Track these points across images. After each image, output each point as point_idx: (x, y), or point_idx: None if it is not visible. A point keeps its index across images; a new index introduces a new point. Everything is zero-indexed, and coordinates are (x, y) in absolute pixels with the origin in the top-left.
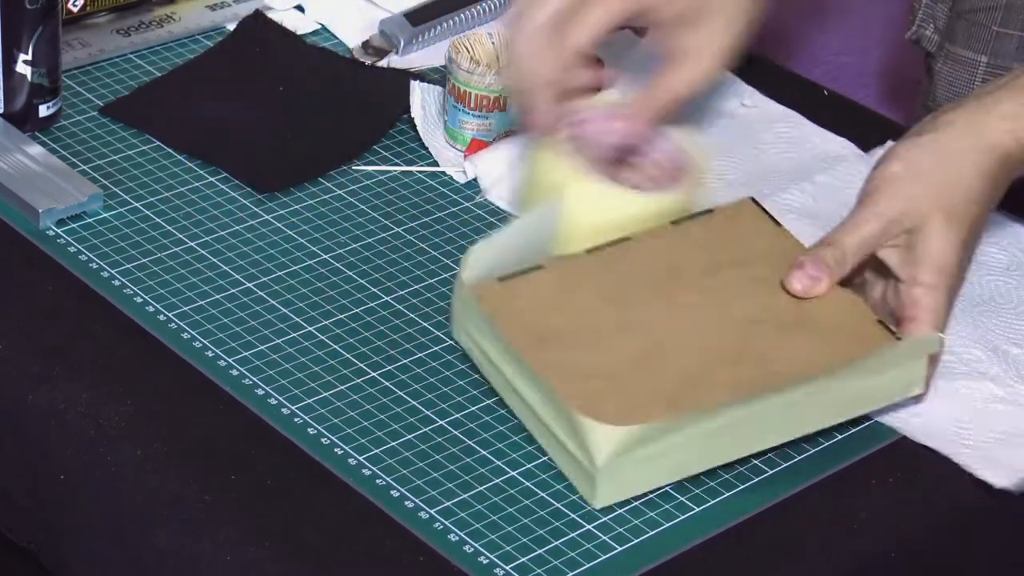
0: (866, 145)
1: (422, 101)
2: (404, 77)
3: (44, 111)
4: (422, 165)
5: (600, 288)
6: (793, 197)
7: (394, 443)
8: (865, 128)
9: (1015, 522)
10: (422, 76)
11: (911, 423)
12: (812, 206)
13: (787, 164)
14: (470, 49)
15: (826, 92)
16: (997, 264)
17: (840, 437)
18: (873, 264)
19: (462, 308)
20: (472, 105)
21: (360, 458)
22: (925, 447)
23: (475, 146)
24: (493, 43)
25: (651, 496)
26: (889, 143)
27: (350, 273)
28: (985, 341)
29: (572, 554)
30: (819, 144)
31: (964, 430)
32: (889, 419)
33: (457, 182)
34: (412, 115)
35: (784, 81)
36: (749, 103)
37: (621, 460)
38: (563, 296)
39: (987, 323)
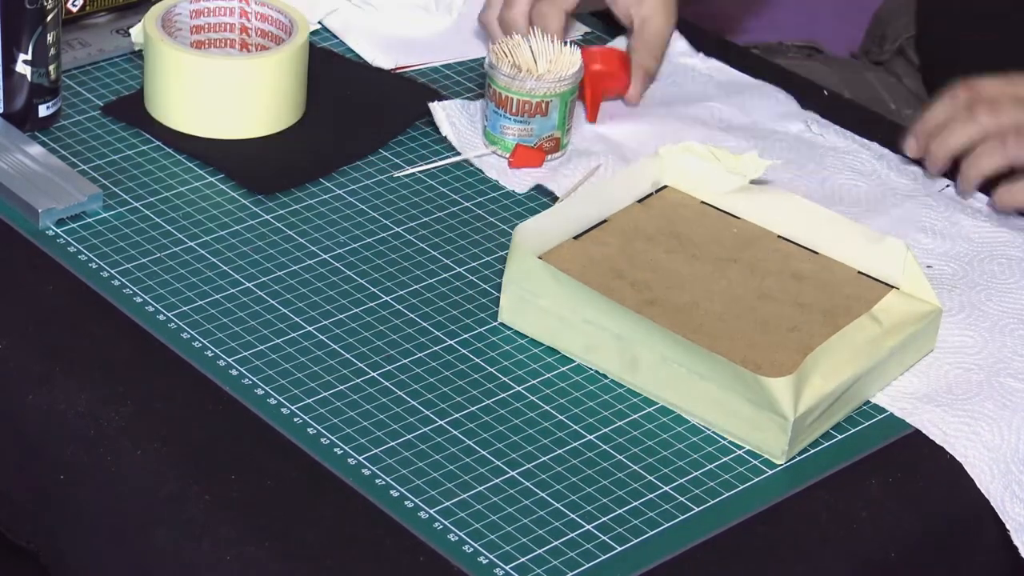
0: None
1: (448, 119)
2: (417, 87)
3: (44, 111)
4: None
5: (655, 245)
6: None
7: (394, 443)
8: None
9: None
10: (436, 91)
11: (979, 457)
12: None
13: (855, 192)
14: (510, 55)
15: (826, 92)
16: None
17: (840, 437)
18: None
19: (525, 282)
20: (513, 110)
21: (360, 458)
22: (923, 448)
23: (520, 152)
24: (531, 48)
25: (651, 496)
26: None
27: (350, 273)
28: None
29: (572, 554)
30: (890, 178)
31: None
32: (956, 450)
33: (457, 182)
34: (444, 135)
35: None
36: (816, 129)
37: (806, 408)
38: (634, 249)
39: None
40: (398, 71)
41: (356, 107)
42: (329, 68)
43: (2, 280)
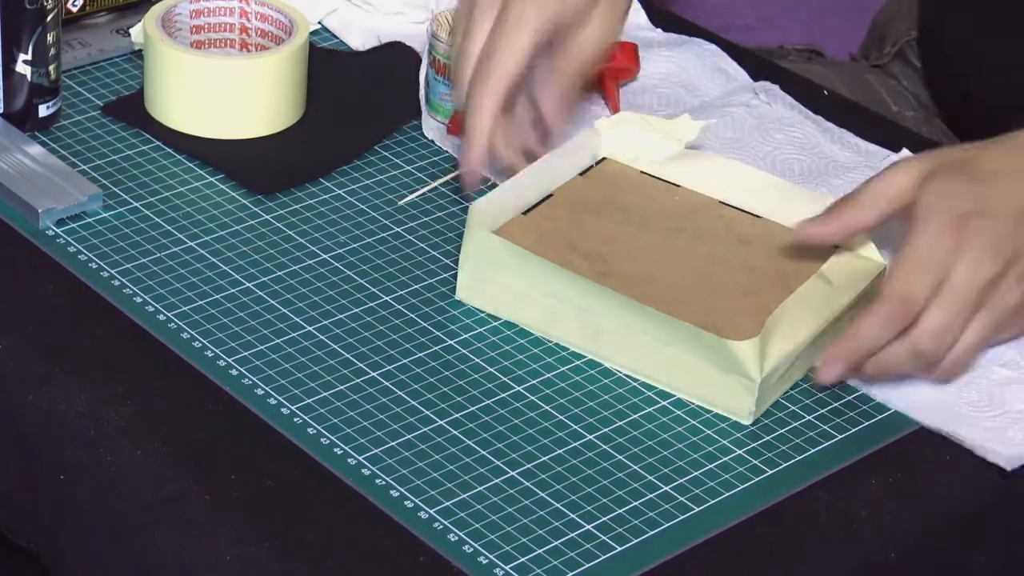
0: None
1: (433, 122)
2: (404, 49)
3: (44, 111)
4: (439, 175)
5: (607, 216)
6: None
7: (394, 443)
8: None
9: (1015, 522)
10: (415, 52)
11: (923, 407)
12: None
13: (798, 167)
14: (450, 22)
15: (826, 92)
16: None
17: (840, 437)
18: None
19: (483, 259)
20: (452, 78)
21: (360, 458)
22: (923, 448)
23: (458, 119)
24: None
25: (651, 496)
26: (904, 151)
27: (350, 273)
28: None
29: (572, 554)
30: (833, 151)
31: (979, 413)
32: (901, 405)
33: (456, 182)
34: (429, 137)
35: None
36: (764, 98)
37: (771, 369)
38: (582, 223)
39: None
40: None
41: (356, 107)
42: (329, 68)
43: (2, 280)
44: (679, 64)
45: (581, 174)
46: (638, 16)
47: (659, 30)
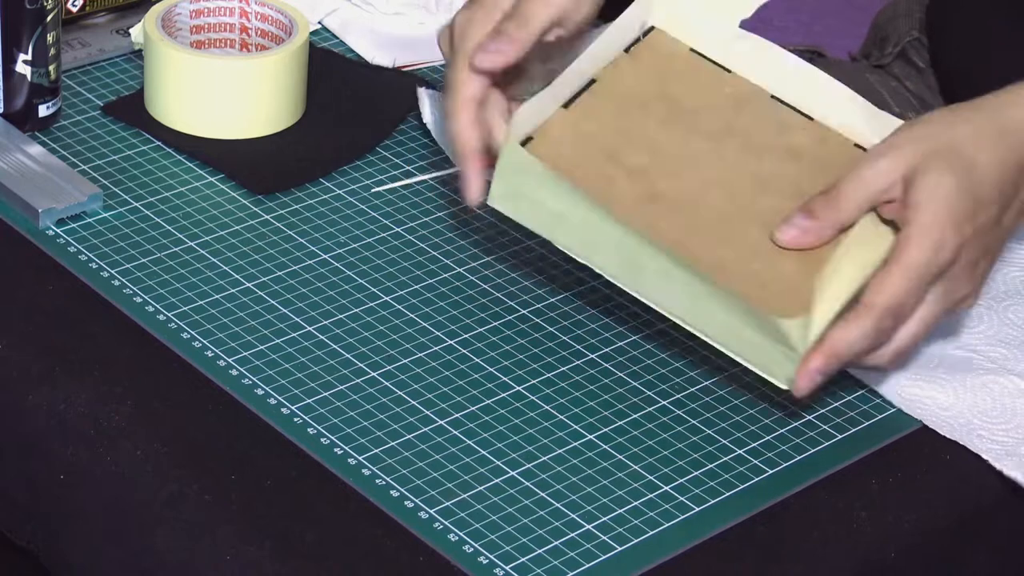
0: None
1: (431, 107)
2: (409, 80)
3: (44, 111)
4: (434, 173)
5: (650, 117)
6: None
7: (394, 443)
8: None
9: (1015, 522)
10: (428, 81)
11: (937, 416)
12: None
13: None
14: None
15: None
16: (1020, 259)
17: (840, 437)
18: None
19: (517, 175)
20: None
21: (360, 458)
22: (923, 448)
23: None
24: None
25: (651, 496)
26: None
27: (350, 273)
28: (1010, 338)
29: (572, 554)
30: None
31: (992, 424)
32: (915, 412)
33: (456, 181)
34: (424, 122)
35: None
36: None
37: (815, 337)
38: (626, 121)
39: (1012, 319)
40: (397, 70)
41: (355, 107)
42: (329, 68)
43: (2, 280)
44: None
45: (627, 50)
46: None
47: None
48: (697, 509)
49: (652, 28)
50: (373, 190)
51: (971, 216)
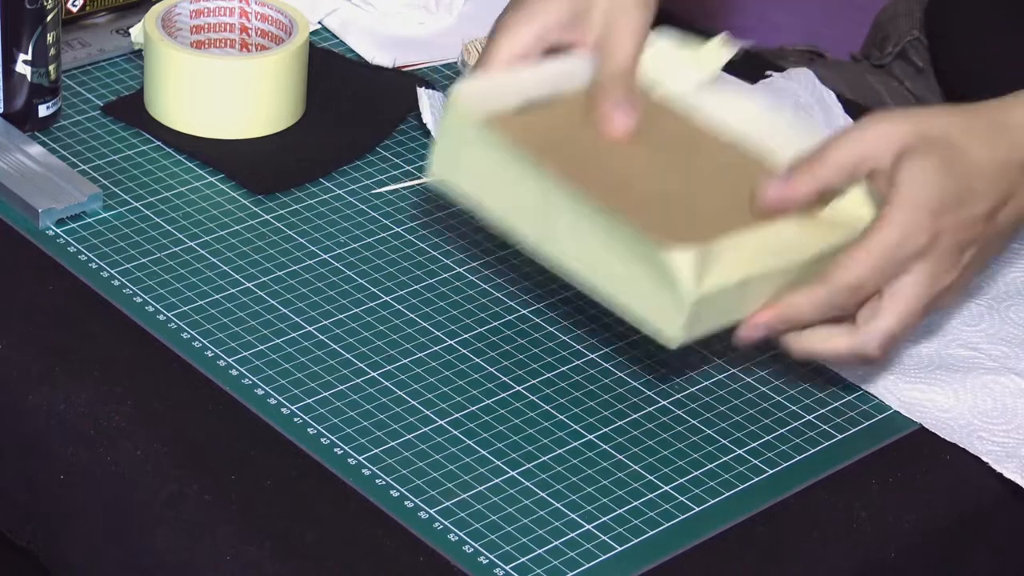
0: None
1: (431, 108)
2: (409, 80)
3: (44, 111)
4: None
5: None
6: None
7: (394, 443)
8: None
9: (1015, 522)
10: (427, 81)
11: (937, 419)
12: None
13: None
14: (480, 52)
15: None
16: (1020, 260)
17: (840, 437)
18: None
19: (456, 135)
20: None
21: (360, 458)
22: (923, 448)
23: None
24: None
25: (651, 496)
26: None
27: (350, 273)
28: (1011, 336)
29: (572, 554)
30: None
31: (993, 425)
32: (914, 414)
33: None
34: (424, 122)
35: None
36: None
37: (710, 291)
38: (578, 127)
39: (1013, 318)
40: (397, 70)
41: (355, 107)
42: (329, 68)
43: (2, 280)
44: None
45: None
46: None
47: None
48: (697, 509)
49: None
50: (373, 190)
51: (954, 206)
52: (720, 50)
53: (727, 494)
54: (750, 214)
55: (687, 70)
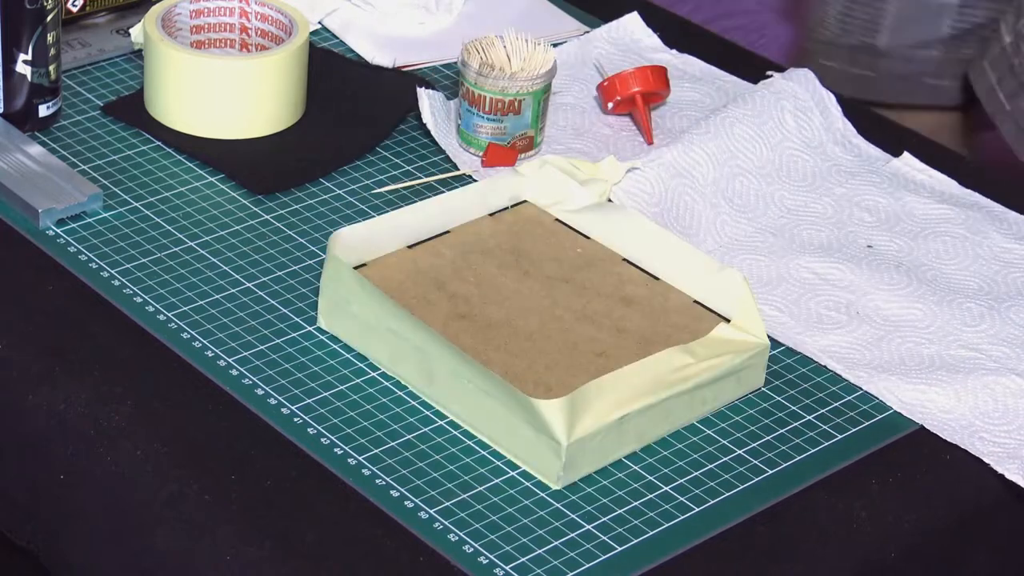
0: None
1: (431, 108)
2: (409, 80)
3: (44, 111)
4: (436, 174)
5: (476, 263)
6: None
7: (394, 443)
8: None
9: (1015, 522)
10: (427, 81)
11: (939, 420)
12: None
13: (801, 167)
14: (481, 52)
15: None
16: (1021, 261)
17: (840, 437)
18: None
19: (338, 287)
20: (486, 109)
21: (360, 458)
22: (923, 448)
23: (492, 151)
24: (505, 47)
25: (651, 496)
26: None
27: None
28: (1012, 337)
29: (572, 554)
30: (836, 153)
31: (994, 426)
32: (915, 416)
33: (456, 184)
34: (424, 122)
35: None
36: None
37: (584, 434)
38: (465, 262)
39: (1014, 319)
40: (397, 69)
41: (355, 107)
42: (329, 68)
43: (2, 280)
44: (703, 92)
45: (492, 214)
46: (652, 39)
47: (674, 51)
48: (697, 509)
49: (524, 201)
50: (373, 190)
51: None
52: (615, 167)
53: (727, 494)
54: (635, 343)
55: (579, 191)
